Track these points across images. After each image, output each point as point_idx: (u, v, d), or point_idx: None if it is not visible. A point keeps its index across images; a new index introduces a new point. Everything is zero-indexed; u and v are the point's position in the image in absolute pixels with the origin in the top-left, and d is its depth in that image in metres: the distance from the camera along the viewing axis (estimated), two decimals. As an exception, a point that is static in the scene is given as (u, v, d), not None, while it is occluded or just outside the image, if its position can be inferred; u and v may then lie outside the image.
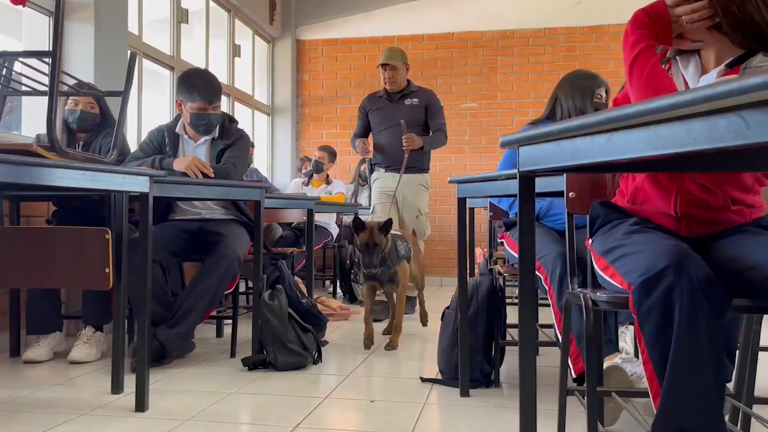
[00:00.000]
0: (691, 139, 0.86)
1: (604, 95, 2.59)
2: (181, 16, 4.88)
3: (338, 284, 5.32)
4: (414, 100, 4.34)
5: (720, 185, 1.44)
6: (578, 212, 1.66)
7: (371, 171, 4.54)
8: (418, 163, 4.34)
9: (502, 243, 2.77)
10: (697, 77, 1.44)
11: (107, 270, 2.10)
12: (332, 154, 5.74)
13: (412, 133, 4.19)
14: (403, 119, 4.18)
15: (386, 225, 3.07)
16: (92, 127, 3.06)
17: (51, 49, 1.72)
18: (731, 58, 1.39)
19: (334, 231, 5.45)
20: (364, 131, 4.48)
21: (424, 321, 3.71)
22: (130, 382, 2.15)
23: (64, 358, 2.78)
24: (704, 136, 0.84)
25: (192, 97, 2.90)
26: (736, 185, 1.45)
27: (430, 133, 4.36)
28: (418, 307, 3.98)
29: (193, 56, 5.09)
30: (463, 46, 6.45)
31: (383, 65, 4.29)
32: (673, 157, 1.20)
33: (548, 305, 2.63)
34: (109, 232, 2.11)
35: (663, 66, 1.47)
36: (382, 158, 4.40)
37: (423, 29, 6.46)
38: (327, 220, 5.33)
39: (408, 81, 4.39)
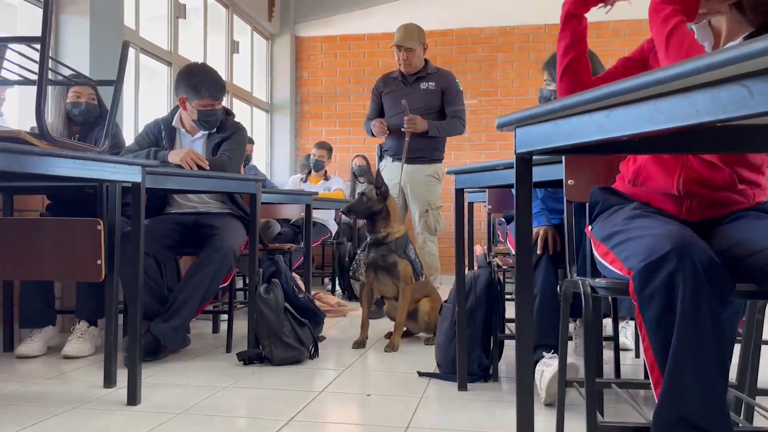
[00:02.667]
0: (692, 111, 0.83)
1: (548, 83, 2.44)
2: (178, 11, 4.85)
3: (337, 281, 5.28)
4: (430, 83, 3.94)
5: (726, 162, 1.40)
6: (577, 200, 1.62)
7: (380, 159, 4.16)
8: (426, 152, 3.94)
9: (504, 241, 2.67)
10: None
11: (99, 261, 2.08)
12: (329, 150, 5.72)
13: (414, 115, 3.81)
14: (404, 100, 3.82)
15: (378, 185, 3.09)
16: (94, 120, 3.04)
17: (41, 35, 1.68)
18: (744, 35, 1.35)
19: (333, 228, 5.42)
20: (378, 115, 4.10)
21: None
22: (123, 376, 2.11)
23: (57, 352, 2.74)
24: (706, 108, 0.81)
25: (200, 95, 2.87)
26: (743, 163, 1.41)
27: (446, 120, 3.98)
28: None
29: (190, 52, 5.06)
30: (462, 43, 6.41)
31: (398, 46, 3.91)
32: (674, 135, 1.17)
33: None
34: (101, 223, 2.09)
35: None
36: (391, 145, 4.03)
37: (422, 25, 6.39)
38: (326, 216, 5.31)
39: (426, 62, 4.00)
